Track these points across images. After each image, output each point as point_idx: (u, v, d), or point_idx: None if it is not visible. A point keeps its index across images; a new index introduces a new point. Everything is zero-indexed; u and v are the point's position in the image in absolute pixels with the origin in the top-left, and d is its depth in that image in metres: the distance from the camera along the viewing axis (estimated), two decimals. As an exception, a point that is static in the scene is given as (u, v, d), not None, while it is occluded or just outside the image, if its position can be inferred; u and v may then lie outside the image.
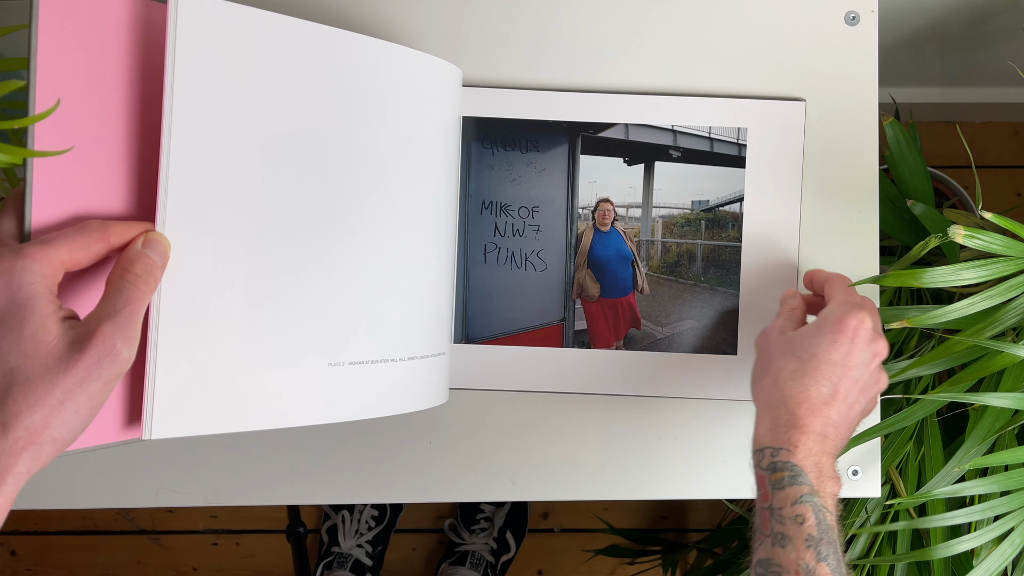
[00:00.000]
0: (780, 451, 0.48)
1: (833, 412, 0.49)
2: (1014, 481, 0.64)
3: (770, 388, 0.50)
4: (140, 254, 0.41)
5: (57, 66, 0.40)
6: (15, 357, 0.36)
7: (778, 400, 0.49)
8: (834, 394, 0.49)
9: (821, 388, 0.49)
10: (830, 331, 0.50)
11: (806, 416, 0.48)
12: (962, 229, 0.55)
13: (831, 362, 0.49)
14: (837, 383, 0.49)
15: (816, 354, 0.50)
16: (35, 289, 0.37)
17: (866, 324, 0.50)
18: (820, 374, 0.49)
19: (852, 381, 0.50)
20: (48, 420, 0.36)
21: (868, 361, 0.51)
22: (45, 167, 0.40)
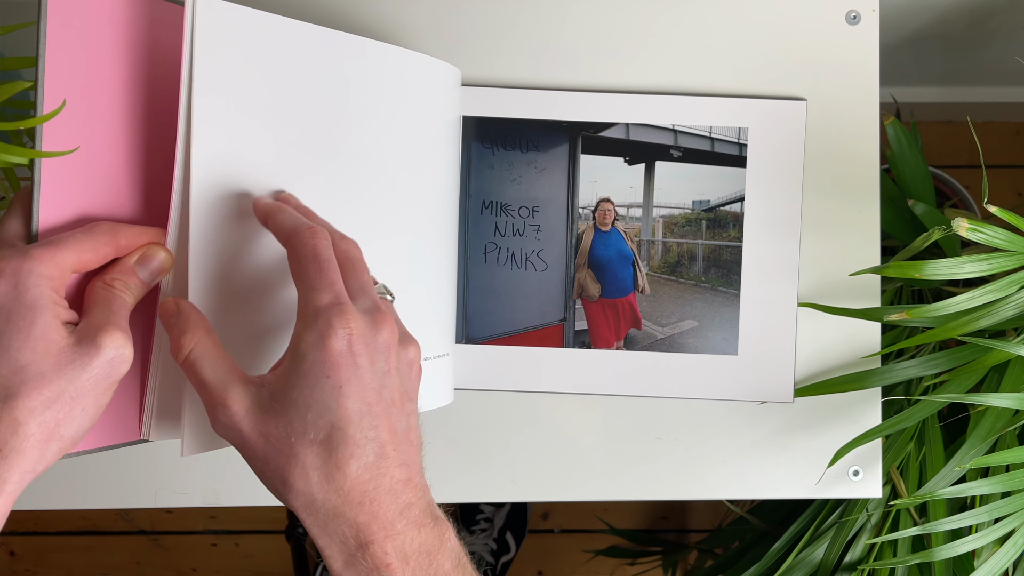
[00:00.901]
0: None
1: (394, 470, 0.37)
2: (1016, 482, 0.64)
3: (311, 507, 0.36)
4: (130, 269, 0.41)
5: (65, 65, 0.40)
6: (27, 354, 0.36)
7: (331, 518, 0.36)
8: (382, 451, 0.37)
9: (367, 461, 0.36)
10: (324, 376, 0.36)
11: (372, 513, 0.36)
12: (966, 222, 0.54)
13: (355, 416, 0.36)
14: (380, 434, 0.37)
15: (332, 421, 0.36)
16: (41, 291, 0.37)
17: (356, 330, 0.37)
18: (354, 445, 0.36)
19: (391, 410, 0.38)
20: (59, 417, 0.36)
21: (386, 370, 0.38)
22: (52, 168, 0.40)
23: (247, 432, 0.37)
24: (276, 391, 0.37)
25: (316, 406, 0.36)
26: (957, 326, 0.58)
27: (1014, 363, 0.66)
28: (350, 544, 0.36)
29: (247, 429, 0.37)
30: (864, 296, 0.63)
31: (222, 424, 0.38)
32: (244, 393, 0.37)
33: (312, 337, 0.37)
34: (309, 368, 0.36)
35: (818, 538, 0.78)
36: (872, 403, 0.64)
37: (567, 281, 0.63)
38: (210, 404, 0.38)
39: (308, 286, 0.38)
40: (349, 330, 0.37)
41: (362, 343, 0.37)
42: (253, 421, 0.37)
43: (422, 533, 0.37)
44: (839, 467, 0.63)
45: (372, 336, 0.38)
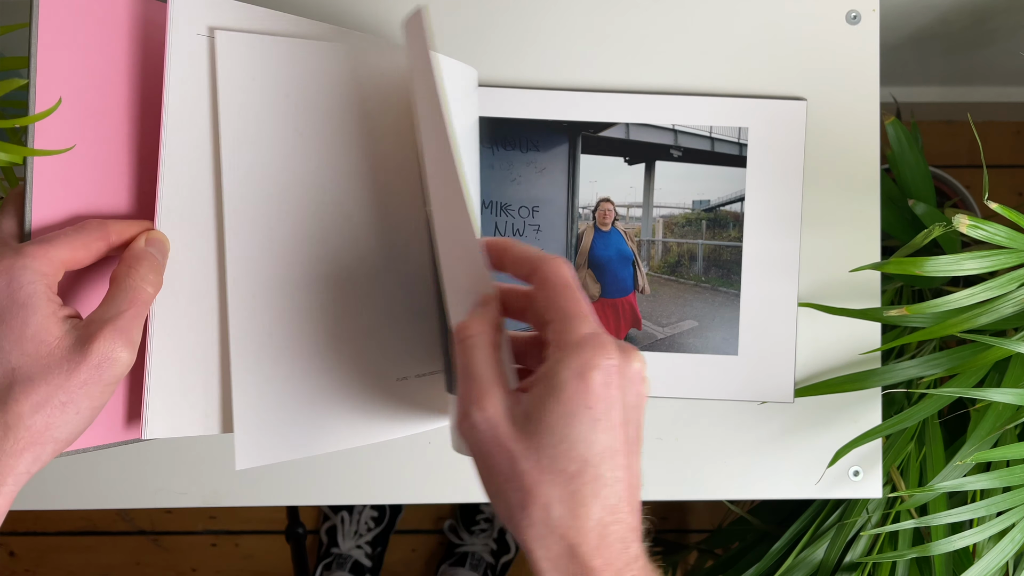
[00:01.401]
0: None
1: (628, 516, 0.36)
2: (1015, 477, 0.64)
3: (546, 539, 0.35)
4: (145, 252, 0.41)
5: (57, 64, 0.40)
6: (17, 356, 0.36)
7: (564, 555, 0.35)
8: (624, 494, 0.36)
9: (610, 502, 0.35)
10: (584, 407, 0.35)
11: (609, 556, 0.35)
12: (966, 219, 0.54)
13: (607, 454, 0.35)
14: (623, 475, 0.35)
15: (585, 456, 0.35)
16: (35, 288, 0.37)
17: (615, 363, 0.36)
18: (601, 484, 0.35)
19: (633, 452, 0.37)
20: (50, 421, 0.36)
21: (634, 405, 0.37)
22: (45, 166, 0.40)
23: (494, 442, 0.35)
24: (531, 412, 0.35)
25: (571, 437, 0.34)
26: (957, 323, 0.58)
27: (1014, 361, 0.66)
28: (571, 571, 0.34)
29: (495, 439, 0.35)
30: (864, 296, 0.63)
31: (471, 423, 0.36)
32: (503, 401, 0.36)
33: (575, 365, 0.35)
34: (569, 398, 0.35)
35: (818, 538, 0.78)
36: (872, 403, 0.64)
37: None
38: (467, 398, 0.36)
39: (564, 314, 0.37)
40: (612, 362, 0.35)
41: (618, 376, 0.36)
42: (504, 433, 0.35)
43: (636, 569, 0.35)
44: (839, 467, 0.63)
45: (626, 368, 0.36)
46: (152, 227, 0.43)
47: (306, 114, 0.47)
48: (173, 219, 0.44)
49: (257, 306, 0.45)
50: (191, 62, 0.43)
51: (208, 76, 0.44)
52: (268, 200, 0.46)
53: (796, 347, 0.62)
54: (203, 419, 0.45)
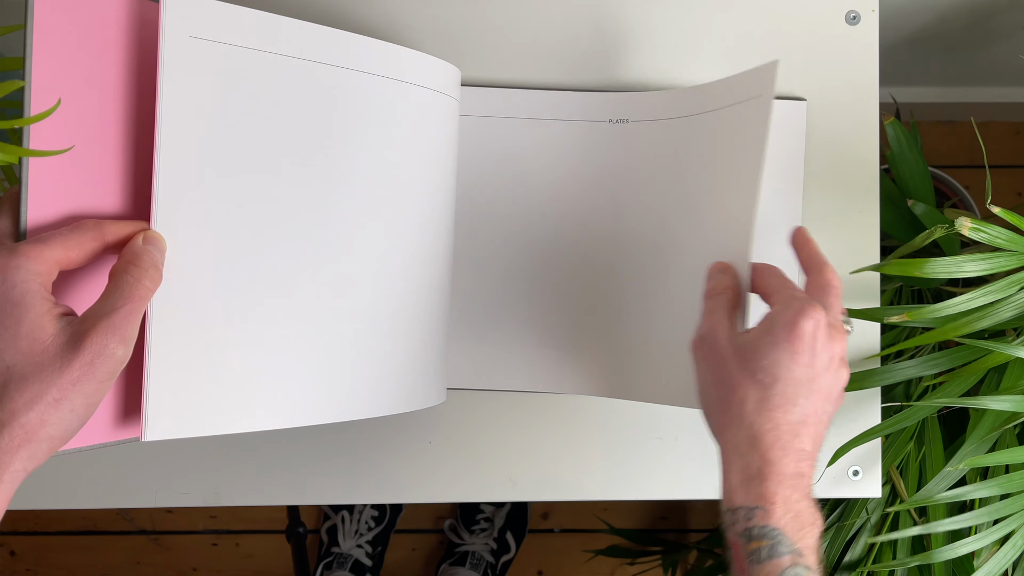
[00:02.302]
0: (755, 512, 0.42)
1: (807, 442, 0.43)
2: (1015, 484, 0.64)
3: (735, 426, 0.44)
4: (144, 249, 0.41)
5: (53, 65, 0.40)
6: (11, 355, 0.36)
7: (747, 442, 0.43)
8: (804, 420, 0.43)
9: (791, 417, 0.43)
10: (787, 341, 0.43)
11: (780, 458, 0.42)
12: (968, 221, 0.55)
13: (796, 381, 0.43)
14: (806, 407, 0.43)
15: (779, 375, 0.43)
16: (29, 287, 0.37)
17: (822, 323, 0.44)
18: (787, 400, 0.43)
19: (820, 397, 0.44)
20: (44, 418, 0.36)
21: (829, 364, 0.44)
22: (41, 166, 0.40)
23: (715, 354, 0.45)
24: (748, 343, 0.44)
25: (772, 358, 0.43)
26: (957, 327, 0.58)
27: (1013, 364, 0.66)
28: (752, 470, 0.42)
29: (716, 352, 0.45)
30: (864, 296, 0.63)
31: (703, 341, 0.46)
32: (729, 330, 0.46)
33: (789, 313, 0.44)
34: (778, 332, 0.43)
35: (818, 538, 0.78)
36: (872, 403, 0.64)
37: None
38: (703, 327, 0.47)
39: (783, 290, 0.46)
40: (818, 319, 0.43)
41: (823, 333, 0.44)
42: (724, 348, 0.45)
43: (804, 503, 0.42)
44: (839, 467, 0.63)
45: (829, 336, 0.44)
46: (148, 227, 0.43)
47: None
48: (170, 219, 0.44)
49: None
50: (183, 64, 0.43)
51: (200, 76, 0.44)
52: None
53: (795, 347, 0.62)
54: (202, 419, 0.46)
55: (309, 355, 0.49)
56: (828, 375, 0.44)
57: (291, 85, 0.48)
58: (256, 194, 0.47)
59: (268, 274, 0.47)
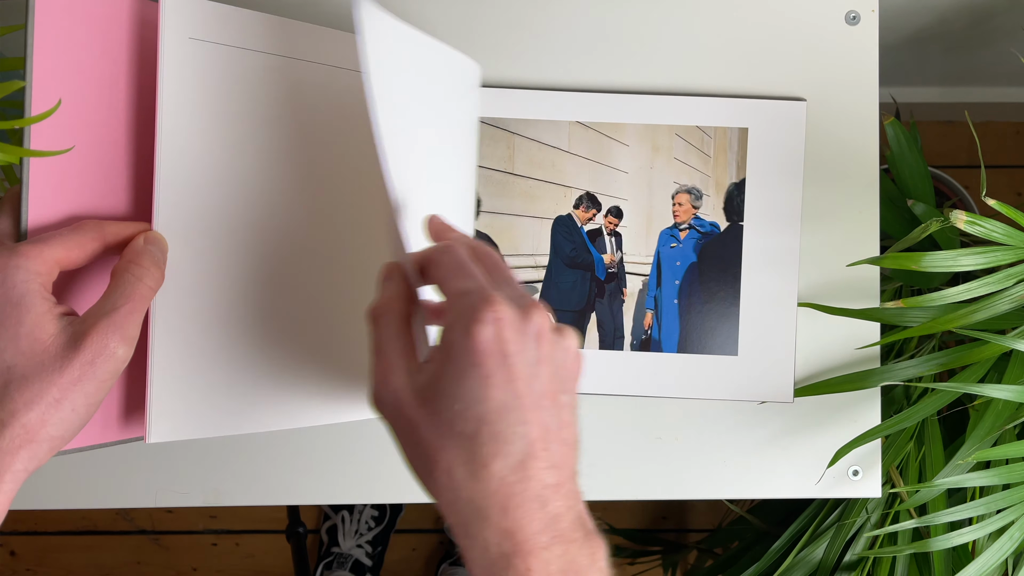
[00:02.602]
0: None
1: (548, 474, 0.34)
2: (1015, 475, 0.64)
3: (455, 504, 0.34)
4: (146, 248, 0.41)
5: (54, 65, 0.40)
6: (11, 355, 0.36)
7: (475, 519, 0.34)
8: (530, 449, 0.34)
9: (511, 459, 0.34)
10: (471, 366, 0.34)
11: (521, 520, 0.33)
12: (964, 215, 0.54)
13: (502, 411, 0.34)
14: (529, 432, 0.34)
15: (480, 415, 0.34)
16: (29, 287, 0.37)
17: (504, 316, 0.34)
18: (502, 441, 0.34)
19: (541, 409, 0.35)
20: (45, 418, 0.36)
21: (537, 361, 0.35)
22: (41, 167, 0.40)
23: (399, 413, 0.36)
24: (430, 379, 0.35)
25: (464, 397, 0.34)
26: (954, 319, 0.58)
27: (1014, 360, 0.66)
28: (492, 552, 0.33)
29: (399, 410, 0.36)
30: (864, 296, 0.63)
31: (379, 398, 0.36)
32: (406, 373, 0.36)
33: (459, 325, 0.34)
34: (457, 357, 0.34)
35: (818, 538, 0.78)
36: (872, 403, 0.64)
37: (567, 281, 0.63)
38: (375, 374, 0.37)
39: (449, 283, 0.36)
40: (496, 315, 0.34)
41: (511, 330, 0.34)
42: (407, 404, 0.35)
43: (571, 549, 0.34)
44: (839, 467, 0.63)
45: (521, 322, 0.35)
46: (150, 228, 0.43)
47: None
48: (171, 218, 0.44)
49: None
50: (183, 65, 0.43)
51: (200, 77, 0.44)
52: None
53: (796, 347, 0.62)
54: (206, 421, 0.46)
55: (313, 355, 0.49)
56: (540, 376, 0.35)
57: (290, 84, 0.48)
58: (258, 193, 0.47)
59: (270, 273, 0.47)
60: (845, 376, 0.62)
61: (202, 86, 0.44)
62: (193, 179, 0.44)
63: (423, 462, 0.35)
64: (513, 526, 0.33)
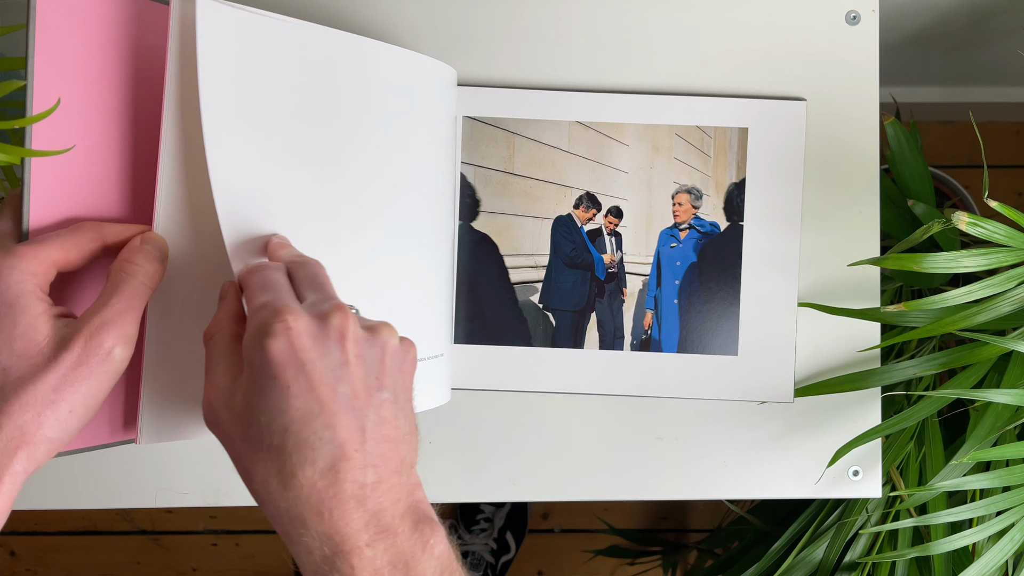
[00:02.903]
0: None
1: (357, 472, 0.34)
2: (1015, 477, 0.64)
3: (278, 516, 0.35)
4: (142, 248, 0.41)
5: (55, 65, 0.40)
6: (5, 356, 0.36)
7: (293, 523, 0.34)
8: (340, 452, 0.34)
9: (319, 464, 0.34)
10: (270, 378, 0.34)
11: (339, 521, 0.34)
12: (966, 216, 0.54)
13: (306, 418, 0.34)
14: (337, 435, 0.34)
15: (285, 425, 0.34)
16: (24, 288, 0.37)
17: (294, 327, 0.35)
18: (308, 448, 0.34)
19: (349, 409, 0.35)
20: (41, 420, 0.36)
21: (341, 362, 0.36)
22: (43, 167, 0.40)
23: (220, 433, 0.37)
24: (242, 396, 0.36)
25: (268, 410, 0.34)
26: (955, 320, 0.58)
27: (1014, 361, 0.66)
28: (316, 557, 0.34)
29: (220, 429, 0.37)
30: (864, 296, 0.63)
31: (205, 416, 0.38)
32: (226, 392, 0.36)
33: (255, 341, 0.35)
34: (257, 372, 0.35)
35: (818, 538, 0.78)
36: (872, 403, 0.64)
37: (567, 281, 0.63)
38: (204, 392, 0.38)
39: (251, 301, 0.37)
40: (285, 325, 0.35)
41: (306, 337, 0.35)
42: (225, 422, 0.36)
43: (397, 542, 0.35)
44: (839, 467, 0.63)
45: (318, 328, 0.36)
46: (150, 229, 0.42)
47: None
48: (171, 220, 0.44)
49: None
50: (188, 63, 0.43)
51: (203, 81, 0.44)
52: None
53: (796, 347, 0.62)
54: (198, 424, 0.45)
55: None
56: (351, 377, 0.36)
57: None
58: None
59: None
60: (845, 376, 0.62)
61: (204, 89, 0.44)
62: (194, 182, 0.44)
63: (246, 476, 0.36)
64: (331, 529, 0.34)
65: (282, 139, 0.47)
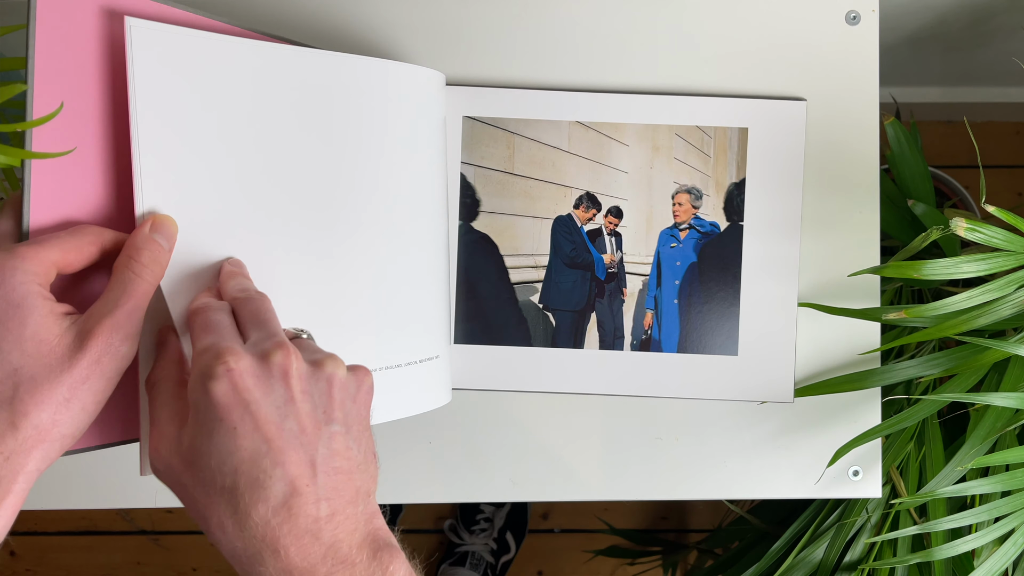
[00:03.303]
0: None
1: (310, 507, 0.35)
2: (1015, 481, 0.64)
3: (230, 552, 0.36)
4: (147, 239, 0.41)
5: (55, 67, 0.40)
6: (18, 356, 0.36)
7: (251, 561, 0.35)
8: (292, 488, 0.35)
9: (275, 501, 0.34)
10: (216, 421, 0.35)
11: (293, 555, 0.35)
12: (964, 222, 0.54)
13: (255, 457, 0.35)
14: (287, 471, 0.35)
15: (235, 467, 0.34)
16: (28, 288, 0.37)
17: (235, 368, 0.36)
18: (258, 487, 0.34)
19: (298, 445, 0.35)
20: (56, 418, 0.36)
21: (286, 399, 0.36)
22: (43, 169, 0.40)
23: (172, 480, 0.37)
24: (190, 441, 0.36)
25: (217, 452, 0.35)
26: (955, 325, 0.58)
27: (1013, 363, 0.66)
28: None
29: (171, 477, 0.37)
30: (864, 296, 0.63)
31: (152, 465, 0.38)
32: (174, 439, 0.37)
33: (196, 385, 0.36)
34: (203, 416, 0.35)
35: (818, 538, 0.78)
36: (872, 403, 0.64)
37: (567, 281, 0.63)
38: (150, 440, 0.38)
39: (195, 343, 0.38)
40: (227, 367, 0.35)
41: (249, 377, 0.36)
42: (176, 469, 0.36)
43: (356, 572, 0.35)
44: (839, 467, 0.63)
45: (260, 367, 0.36)
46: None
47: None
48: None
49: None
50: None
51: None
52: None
53: (796, 347, 0.62)
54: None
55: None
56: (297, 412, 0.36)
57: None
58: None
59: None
60: (845, 376, 0.62)
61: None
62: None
63: (201, 520, 0.36)
64: (288, 565, 0.34)
65: (264, 154, 0.47)
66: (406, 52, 0.62)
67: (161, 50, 0.43)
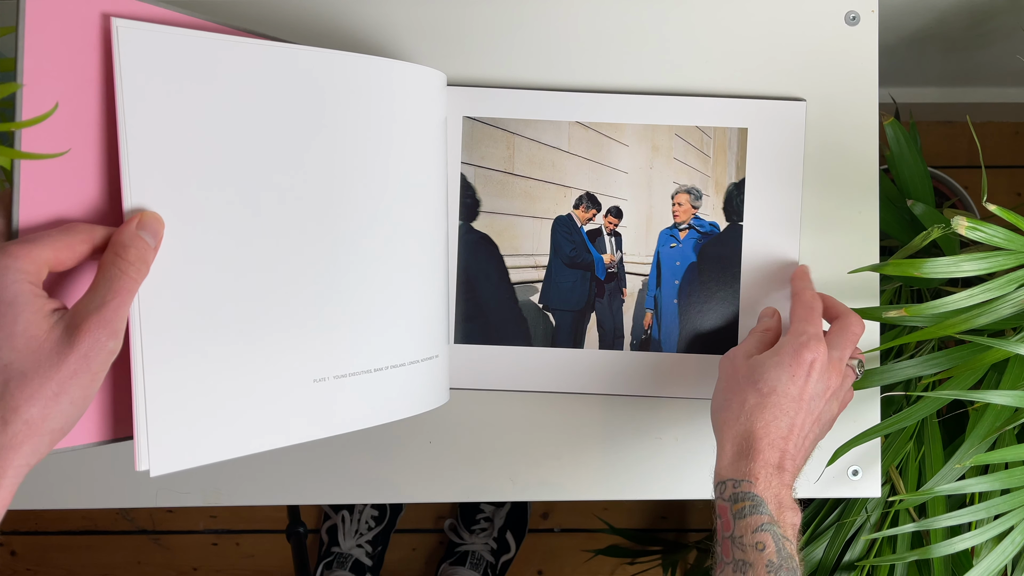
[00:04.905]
0: (742, 483, 0.50)
1: (791, 445, 0.51)
2: (1015, 479, 0.64)
3: (733, 421, 0.52)
4: (134, 236, 0.41)
5: (45, 68, 0.40)
6: (7, 353, 0.37)
7: (741, 433, 0.52)
8: (791, 428, 0.52)
9: (780, 423, 0.51)
10: (788, 364, 0.52)
11: (767, 450, 0.51)
12: (965, 221, 0.55)
13: (789, 396, 0.52)
14: (794, 417, 0.52)
15: (776, 388, 0.52)
16: (20, 287, 0.37)
17: (821, 358, 0.52)
18: (779, 409, 0.51)
19: (807, 414, 0.52)
20: (46, 413, 0.37)
21: (822, 393, 0.53)
22: (32, 168, 0.40)
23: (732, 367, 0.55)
24: (759, 362, 0.53)
25: (773, 375, 0.52)
26: (955, 324, 0.58)
27: (1013, 362, 0.66)
28: (742, 453, 0.51)
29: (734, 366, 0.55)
30: (863, 296, 0.63)
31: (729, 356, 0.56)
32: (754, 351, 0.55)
33: (795, 342, 0.53)
34: (783, 356, 0.52)
35: (817, 537, 0.78)
36: (871, 403, 0.64)
37: (567, 281, 0.63)
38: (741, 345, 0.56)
39: (803, 320, 0.55)
40: (817, 354, 0.52)
41: (820, 366, 0.52)
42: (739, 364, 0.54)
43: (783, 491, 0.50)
44: (838, 467, 0.63)
45: (827, 370, 0.53)
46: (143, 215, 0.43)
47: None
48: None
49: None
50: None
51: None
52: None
53: (795, 347, 0.62)
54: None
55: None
56: (819, 401, 0.53)
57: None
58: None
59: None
60: (845, 376, 0.62)
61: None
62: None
63: (730, 394, 0.53)
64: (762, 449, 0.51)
65: (257, 154, 0.47)
66: (407, 52, 0.62)
67: (148, 50, 0.43)
